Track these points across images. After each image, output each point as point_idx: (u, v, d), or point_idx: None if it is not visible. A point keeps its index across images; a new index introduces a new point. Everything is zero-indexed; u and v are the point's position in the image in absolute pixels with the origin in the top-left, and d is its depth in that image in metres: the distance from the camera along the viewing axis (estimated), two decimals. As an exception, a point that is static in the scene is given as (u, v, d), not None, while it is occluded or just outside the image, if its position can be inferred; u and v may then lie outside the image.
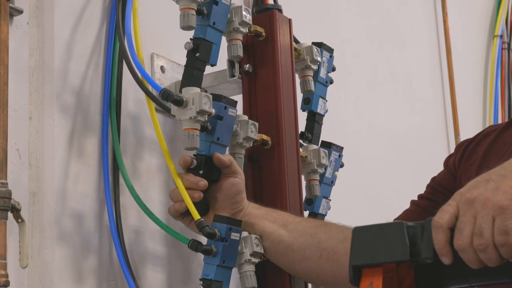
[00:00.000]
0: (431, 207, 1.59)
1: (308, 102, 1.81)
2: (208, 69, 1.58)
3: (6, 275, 1.30)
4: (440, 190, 1.62)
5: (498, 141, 1.56)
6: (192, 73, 1.52)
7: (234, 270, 1.52)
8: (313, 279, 1.58)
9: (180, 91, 1.50)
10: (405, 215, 1.63)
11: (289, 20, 1.75)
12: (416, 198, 1.66)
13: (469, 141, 1.63)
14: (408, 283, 1.11)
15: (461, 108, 3.05)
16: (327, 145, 1.82)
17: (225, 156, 1.52)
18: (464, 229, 1.07)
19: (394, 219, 1.63)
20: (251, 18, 1.63)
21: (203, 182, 1.49)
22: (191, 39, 1.53)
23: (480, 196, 1.07)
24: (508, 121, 1.61)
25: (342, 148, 1.86)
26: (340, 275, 1.48)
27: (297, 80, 1.78)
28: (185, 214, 1.50)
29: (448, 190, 1.59)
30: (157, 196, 1.65)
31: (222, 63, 1.62)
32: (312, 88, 1.78)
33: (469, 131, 1.67)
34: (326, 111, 1.84)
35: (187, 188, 1.48)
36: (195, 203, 1.48)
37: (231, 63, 1.65)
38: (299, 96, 1.78)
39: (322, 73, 1.82)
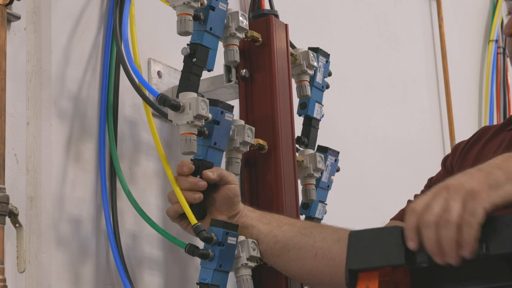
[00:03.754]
0: None
1: (304, 107, 1.81)
2: (205, 74, 1.58)
3: (4, 280, 1.31)
4: None
5: (488, 146, 1.57)
6: (189, 78, 1.53)
7: (231, 274, 1.53)
8: (309, 280, 1.58)
9: (177, 96, 1.50)
10: (401, 215, 1.64)
11: (286, 25, 1.76)
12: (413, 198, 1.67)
13: (465, 143, 1.64)
14: (404, 287, 1.12)
15: (457, 113, 3.05)
16: (323, 149, 1.83)
17: (214, 172, 1.52)
18: (434, 205, 1.07)
19: (391, 219, 1.64)
20: (247, 23, 1.64)
21: (203, 183, 1.50)
22: (188, 44, 1.54)
23: (454, 183, 1.09)
24: (502, 123, 1.62)
25: (338, 152, 1.87)
26: (336, 275, 1.48)
27: (294, 85, 1.79)
28: (183, 216, 1.51)
29: None
30: (154, 200, 1.66)
31: (218, 68, 1.63)
32: (309, 93, 1.79)
33: (464, 136, 1.68)
34: (322, 115, 1.85)
35: (188, 189, 1.49)
36: (192, 207, 1.49)
37: (227, 68, 1.66)
38: (296, 101, 1.79)
39: (319, 78, 1.83)
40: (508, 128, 1.58)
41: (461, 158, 1.61)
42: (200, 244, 1.49)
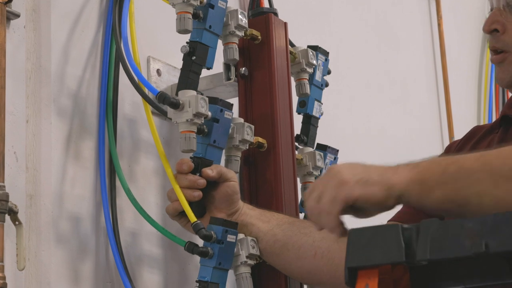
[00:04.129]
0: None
1: (303, 105, 1.81)
2: (204, 72, 1.58)
3: (4, 277, 1.31)
4: None
5: (477, 147, 1.57)
6: (189, 76, 1.53)
7: (230, 272, 1.53)
8: (309, 279, 1.58)
9: (177, 94, 1.50)
10: (399, 216, 1.64)
11: (285, 23, 1.76)
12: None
13: (458, 142, 1.65)
14: (404, 284, 1.12)
15: (456, 112, 3.05)
16: (322, 147, 1.83)
17: (213, 170, 1.52)
18: (312, 192, 1.22)
19: (388, 221, 1.63)
20: (247, 21, 1.64)
21: (202, 181, 1.50)
22: (187, 42, 1.54)
23: (336, 169, 1.21)
24: (492, 124, 1.62)
25: (337, 150, 1.87)
26: (335, 275, 1.48)
27: (293, 83, 1.79)
28: (182, 214, 1.51)
29: None
30: (153, 198, 1.66)
31: (218, 66, 1.63)
32: (308, 91, 1.79)
33: (464, 134, 1.68)
34: (322, 114, 1.85)
35: (187, 187, 1.49)
36: (192, 205, 1.49)
37: (227, 66, 1.66)
38: (295, 99, 1.79)
39: (318, 76, 1.83)
40: (496, 131, 1.58)
41: None
42: (200, 242, 1.49)
